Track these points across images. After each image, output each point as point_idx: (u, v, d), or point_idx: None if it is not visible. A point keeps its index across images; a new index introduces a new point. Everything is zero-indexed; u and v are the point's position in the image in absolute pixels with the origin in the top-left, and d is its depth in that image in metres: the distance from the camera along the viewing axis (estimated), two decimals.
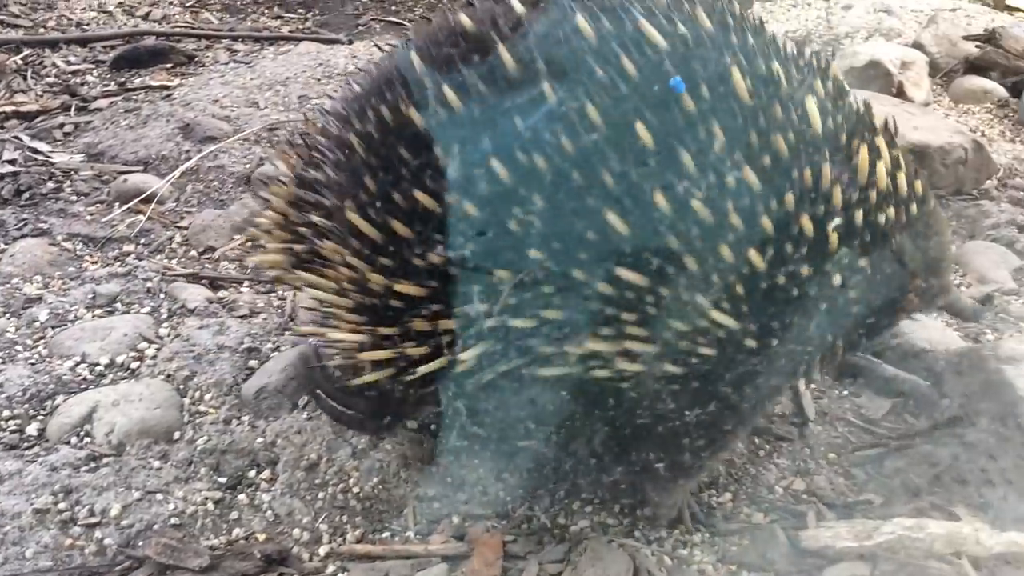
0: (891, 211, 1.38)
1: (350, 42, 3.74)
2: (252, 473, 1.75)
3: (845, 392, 1.99)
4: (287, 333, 1.99)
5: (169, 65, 3.51)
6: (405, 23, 4.10)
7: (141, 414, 1.80)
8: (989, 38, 3.79)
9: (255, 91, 3.06)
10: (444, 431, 1.69)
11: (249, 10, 4.18)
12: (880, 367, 2.04)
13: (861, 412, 1.90)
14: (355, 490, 1.69)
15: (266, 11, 4.16)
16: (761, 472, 1.75)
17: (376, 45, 3.55)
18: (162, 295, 2.18)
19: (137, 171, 2.65)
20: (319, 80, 3.14)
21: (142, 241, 2.39)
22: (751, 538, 1.60)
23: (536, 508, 1.66)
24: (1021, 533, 1.51)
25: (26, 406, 1.84)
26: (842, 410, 1.92)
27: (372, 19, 4.12)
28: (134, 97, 3.19)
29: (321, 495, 1.69)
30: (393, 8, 4.25)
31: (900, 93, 3.42)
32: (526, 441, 1.58)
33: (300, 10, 4.21)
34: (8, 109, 3.04)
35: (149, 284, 2.20)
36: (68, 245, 2.36)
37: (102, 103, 3.10)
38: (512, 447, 1.64)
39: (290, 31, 3.94)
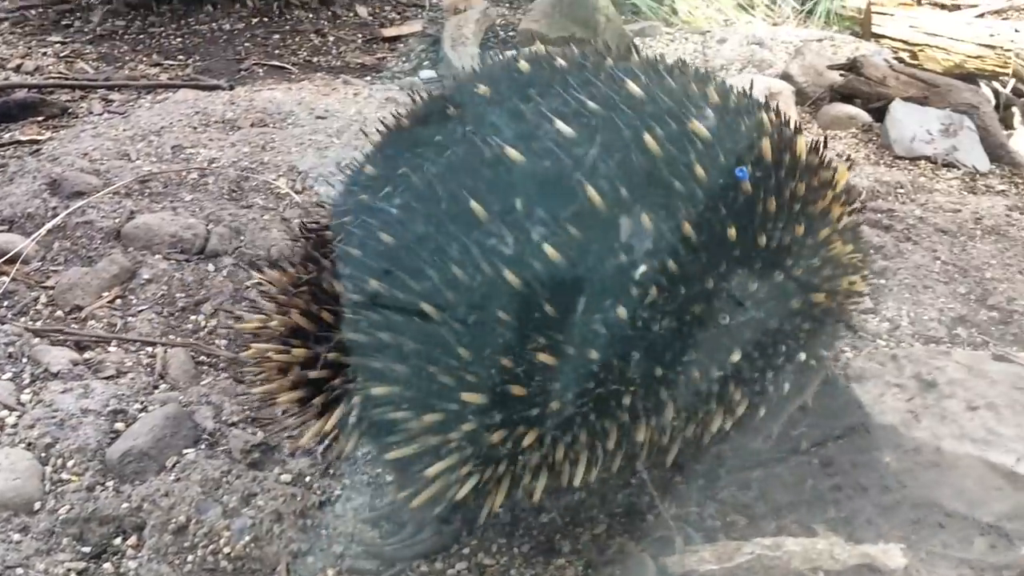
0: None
1: (231, 88, 3.71)
2: (118, 540, 1.69)
3: None
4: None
5: (40, 118, 3.41)
6: (289, 67, 4.08)
7: None
8: (852, 66, 3.99)
9: (127, 142, 2.99)
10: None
11: (127, 58, 4.10)
12: None
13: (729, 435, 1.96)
14: (226, 550, 1.65)
15: (144, 59, 4.09)
16: (635, 500, 1.79)
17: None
18: (24, 359, 2.10)
19: (1, 231, 2.57)
20: (195, 128, 3.09)
21: (5, 304, 2.30)
22: (622, 567, 1.63)
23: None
24: (874, 545, 1.58)
25: None
26: None
27: (255, 63, 4.09)
28: (1, 154, 3.09)
29: (190, 558, 1.64)
30: (277, 52, 4.23)
31: None
32: None
33: (180, 56, 4.15)
34: None
35: (11, 348, 2.12)
36: None
37: None
38: None
39: (169, 78, 3.88)
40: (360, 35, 4.47)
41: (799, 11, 5.91)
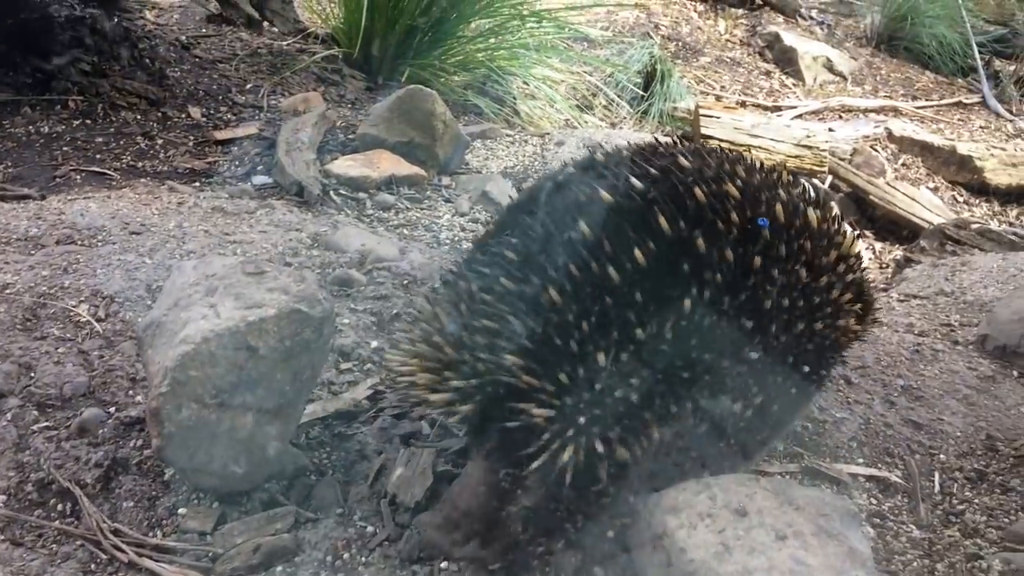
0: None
1: (42, 197, 3.48)
2: None
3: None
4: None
5: None
6: (110, 173, 3.88)
7: None
8: None
9: None
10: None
11: None
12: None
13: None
14: None
15: None
16: None
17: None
18: None
19: None
20: None
21: None
22: None
23: None
24: None
25: None
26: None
27: (72, 169, 3.86)
28: None
29: None
30: (98, 157, 4.02)
31: None
32: None
33: None
34: None
35: None
36: None
37: None
38: None
39: None
40: (191, 138, 4.32)
41: (635, 112, 6.19)
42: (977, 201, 6.33)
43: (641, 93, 6.29)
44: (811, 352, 1.99)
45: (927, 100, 7.42)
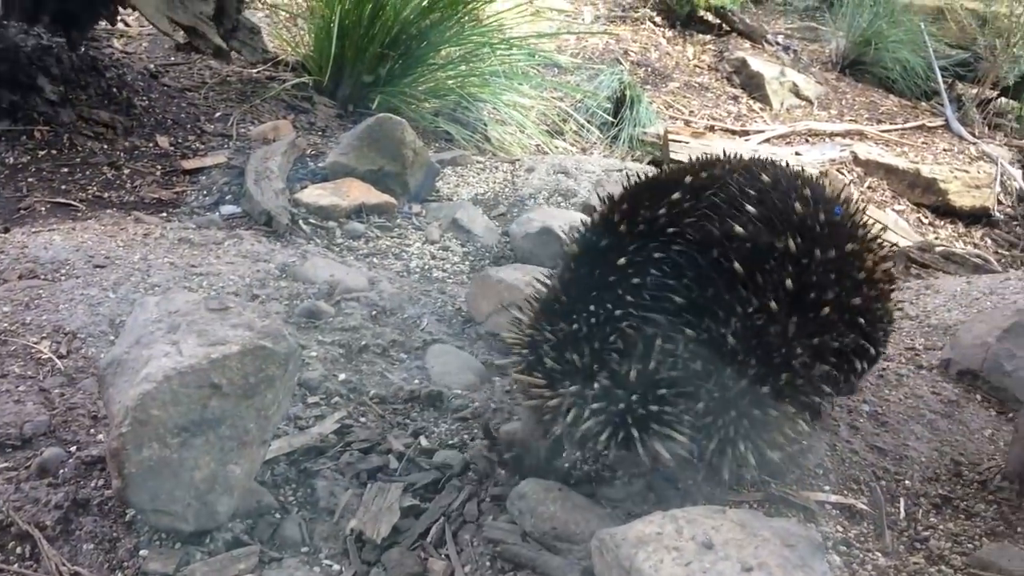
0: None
1: (6, 230, 3.44)
2: None
3: None
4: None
5: None
6: (76, 204, 3.85)
7: None
8: None
9: None
10: None
11: None
12: (543, 556, 2.06)
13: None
14: None
15: None
16: None
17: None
18: None
19: None
20: None
21: None
22: None
23: None
24: None
25: None
26: None
27: (37, 201, 3.82)
28: None
29: None
30: (63, 188, 3.98)
31: None
32: None
33: None
34: None
35: None
36: None
37: None
38: None
39: None
40: (159, 167, 4.30)
41: (605, 138, 6.24)
42: (942, 223, 6.43)
43: (611, 119, 6.34)
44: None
45: (891, 124, 7.54)
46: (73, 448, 2.20)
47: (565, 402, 2.03)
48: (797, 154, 6.24)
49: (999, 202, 6.57)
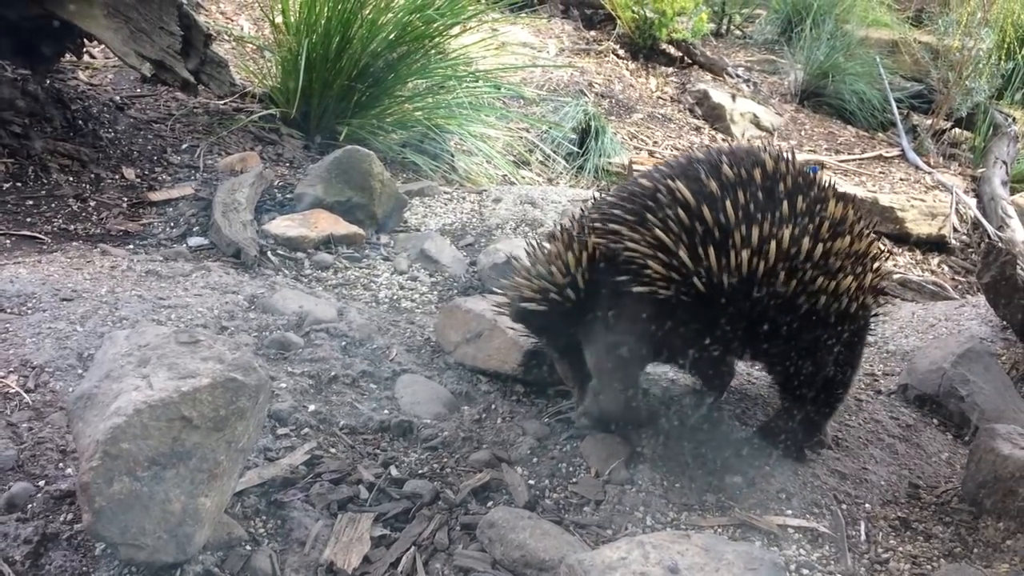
0: None
1: None
2: None
3: None
4: None
5: None
6: (41, 236, 3.83)
7: None
8: None
9: None
10: None
11: None
12: None
13: None
14: None
15: None
16: None
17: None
18: None
19: None
20: None
21: None
22: None
23: None
24: None
25: None
26: None
27: (1, 234, 3.79)
28: None
29: None
30: (28, 220, 3.96)
31: None
32: None
33: None
34: None
35: None
36: None
37: None
38: None
39: None
40: (125, 199, 4.29)
41: (570, 168, 6.33)
42: (900, 250, 6.59)
43: (576, 149, 6.43)
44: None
45: (849, 154, 7.73)
46: (42, 482, 2.19)
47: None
48: None
49: (955, 230, 6.74)
